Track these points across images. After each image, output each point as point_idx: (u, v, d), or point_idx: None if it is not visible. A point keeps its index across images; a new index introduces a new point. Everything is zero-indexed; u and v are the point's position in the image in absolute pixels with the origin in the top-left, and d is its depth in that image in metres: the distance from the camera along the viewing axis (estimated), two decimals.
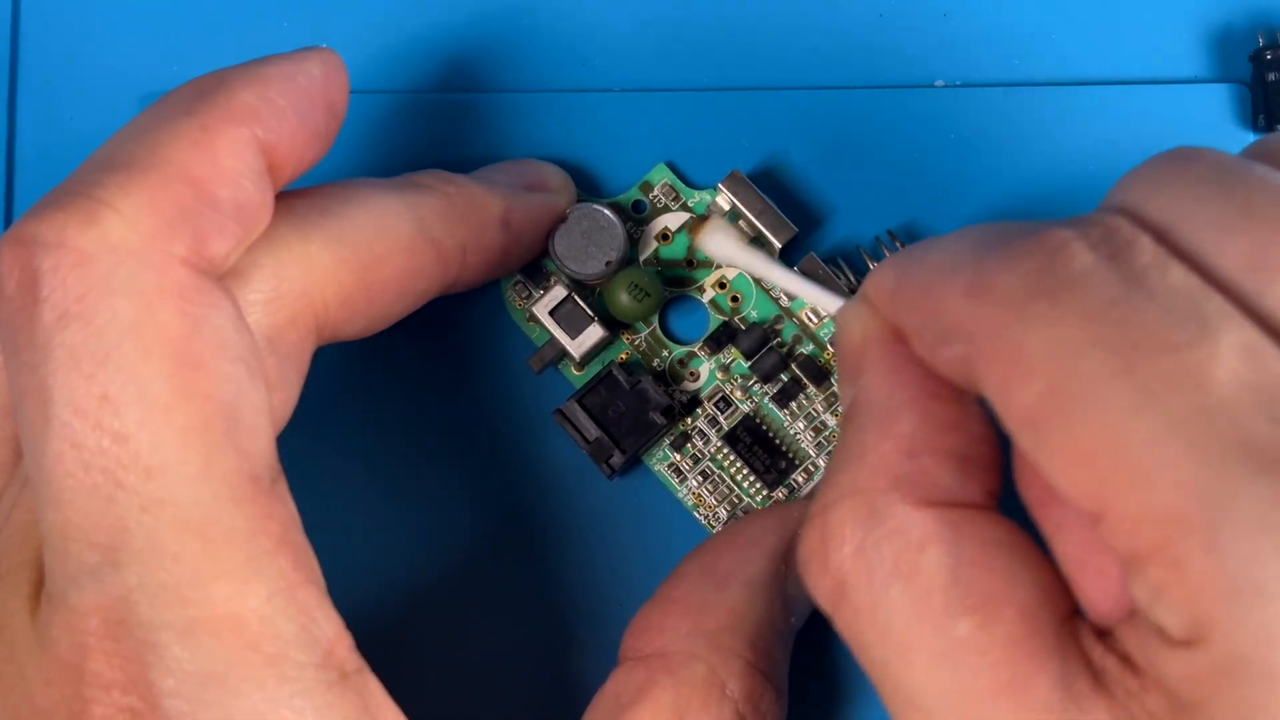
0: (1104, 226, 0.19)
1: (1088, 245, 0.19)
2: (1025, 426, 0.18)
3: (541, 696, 0.29)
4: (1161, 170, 0.20)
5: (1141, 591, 0.17)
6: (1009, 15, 0.32)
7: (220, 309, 0.21)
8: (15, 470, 0.23)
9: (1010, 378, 0.18)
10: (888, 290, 0.22)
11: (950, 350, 0.20)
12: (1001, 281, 0.19)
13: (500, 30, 0.32)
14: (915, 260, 0.21)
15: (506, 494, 0.30)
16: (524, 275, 0.30)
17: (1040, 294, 0.18)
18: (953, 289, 0.20)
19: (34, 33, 0.32)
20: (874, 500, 0.21)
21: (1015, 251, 0.19)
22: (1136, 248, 0.19)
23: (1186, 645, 0.17)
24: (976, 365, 0.19)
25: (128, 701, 0.20)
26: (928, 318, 0.20)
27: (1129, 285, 0.18)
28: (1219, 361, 0.17)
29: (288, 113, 0.23)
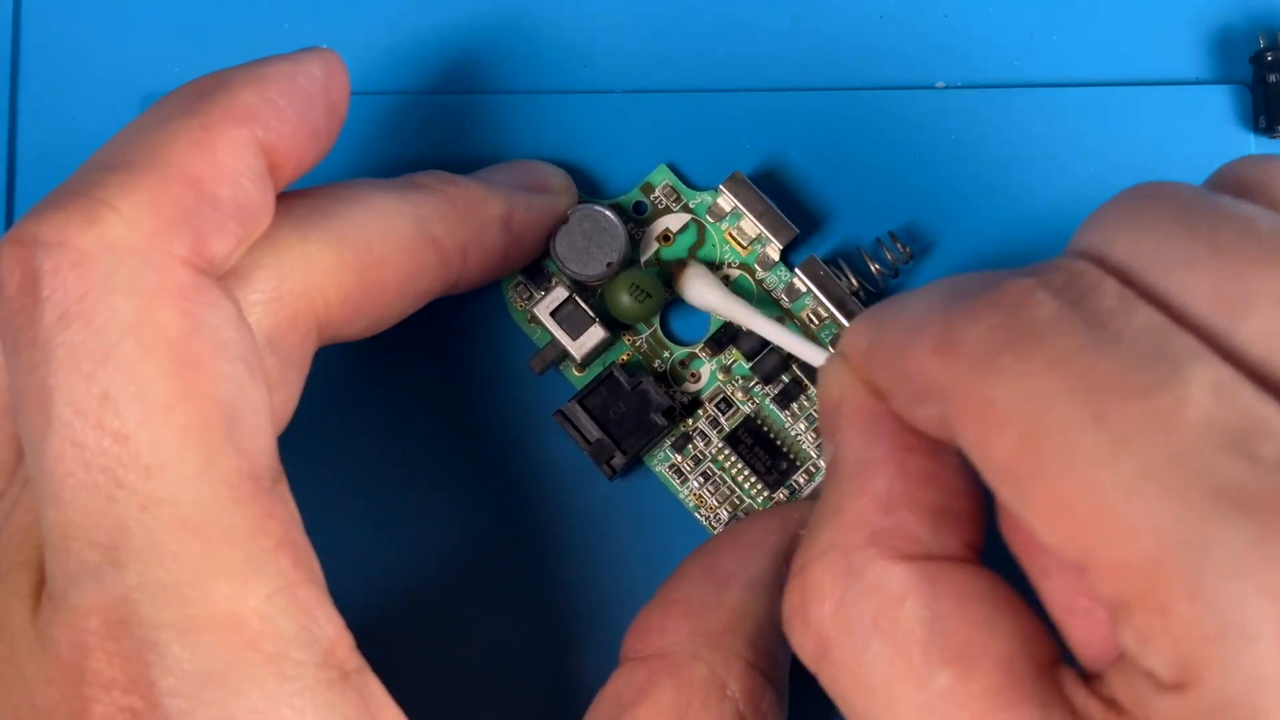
0: (1067, 272, 0.19)
1: (1051, 293, 0.19)
2: (1003, 479, 0.18)
3: (541, 696, 0.29)
4: (1124, 210, 0.20)
5: (1129, 637, 0.17)
6: (1009, 16, 0.32)
7: (220, 309, 0.21)
8: (16, 470, 0.23)
9: (985, 432, 0.18)
10: (862, 350, 0.22)
11: (925, 409, 0.20)
12: (967, 337, 0.19)
13: (501, 31, 0.32)
14: (887, 319, 0.21)
15: (507, 495, 0.30)
16: (525, 276, 0.30)
17: (1006, 346, 0.18)
18: (921, 348, 0.20)
19: (34, 33, 0.32)
20: (851, 557, 0.21)
21: (979, 305, 0.19)
22: (1100, 291, 0.18)
23: (1176, 689, 0.17)
24: (951, 422, 0.19)
25: (128, 701, 0.20)
26: (901, 378, 0.21)
27: (1094, 330, 0.18)
28: (1189, 403, 0.17)
29: (288, 113, 0.23)
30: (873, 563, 0.21)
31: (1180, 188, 0.20)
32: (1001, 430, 0.18)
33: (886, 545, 0.21)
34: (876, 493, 0.21)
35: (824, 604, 0.21)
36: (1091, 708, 0.19)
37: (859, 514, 0.21)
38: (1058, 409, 0.17)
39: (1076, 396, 0.17)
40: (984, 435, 0.18)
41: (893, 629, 0.20)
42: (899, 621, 0.20)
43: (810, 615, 0.21)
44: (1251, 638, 0.16)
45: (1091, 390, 0.17)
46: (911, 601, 0.20)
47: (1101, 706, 0.19)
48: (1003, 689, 0.19)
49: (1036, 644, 0.20)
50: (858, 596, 0.21)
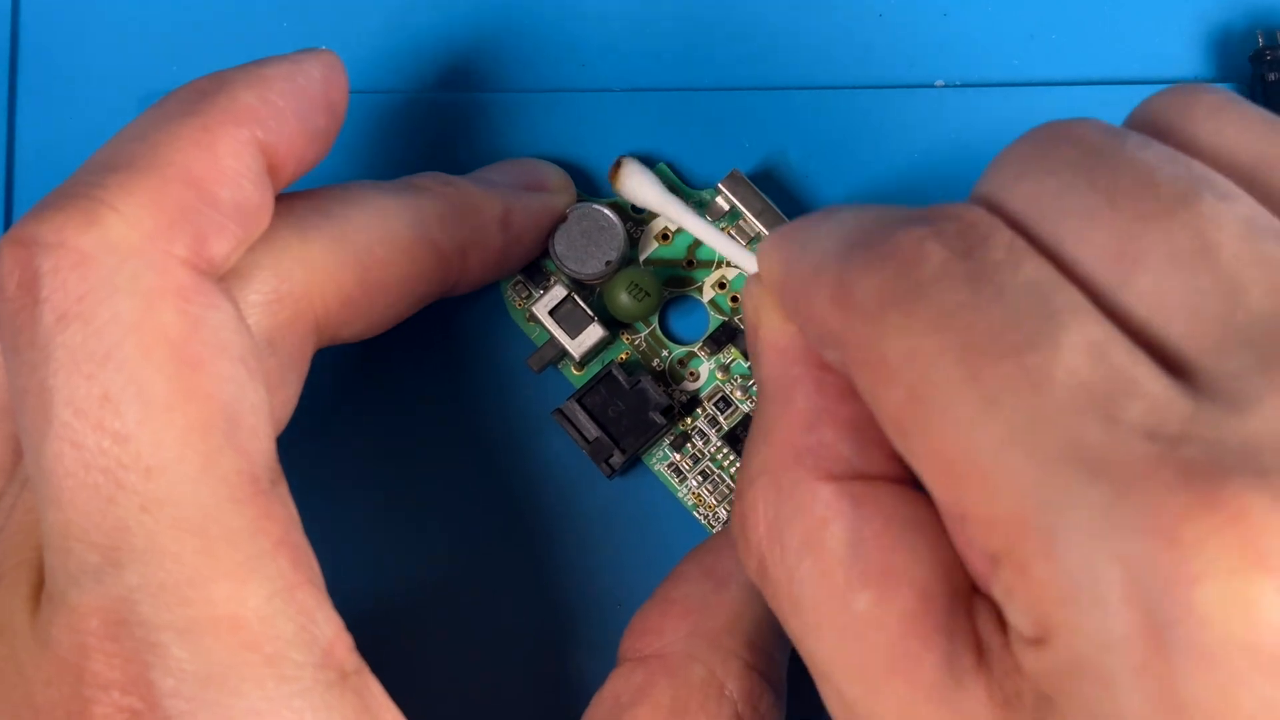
0: (961, 221, 0.19)
1: (941, 243, 0.18)
2: (894, 430, 0.19)
3: (541, 696, 0.29)
4: (1028, 152, 0.20)
5: (997, 590, 0.18)
6: (1009, 15, 0.32)
7: (220, 309, 0.21)
8: (16, 471, 0.23)
9: (876, 384, 0.19)
10: (777, 280, 0.22)
11: (831, 354, 0.20)
12: (860, 289, 0.19)
13: (500, 30, 0.32)
14: (796, 252, 0.21)
15: (506, 494, 0.30)
16: (524, 275, 0.30)
17: (894, 302, 0.18)
18: (820, 296, 0.20)
19: (34, 33, 0.32)
20: (780, 478, 0.21)
21: (872, 256, 0.19)
22: (990, 243, 0.18)
23: (1035, 644, 0.17)
24: (848, 369, 0.19)
25: (127, 702, 0.20)
26: (806, 320, 0.21)
27: (978, 285, 0.18)
28: (1058, 363, 0.17)
29: (288, 114, 0.23)
30: (800, 484, 0.21)
31: (1087, 128, 0.19)
32: (890, 384, 0.18)
33: (811, 465, 0.21)
34: (798, 411, 0.22)
35: (759, 526, 0.21)
36: (995, 642, 0.19)
37: (784, 434, 0.21)
38: (938, 367, 0.18)
39: (953, 355, 0.17)
40: (875, 387, 0.19)
41: (819, 549, 0.20)
42: (824, 541, 0.20)
43: (749, 537, 0.21)
44: (1098, 602, 0.16)
45: (968, 349, 0.17)
46: (836, 522, 0.20)
47: (1001, 643, 0.19)
48: (918, 615, 0.19)
49: (955, 569, 0.20)
50: (789, 516, 0.21)
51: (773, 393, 0.22)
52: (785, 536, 0.21)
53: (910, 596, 0.19)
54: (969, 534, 0.18)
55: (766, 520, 0.21)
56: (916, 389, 0.18)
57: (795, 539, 0.21)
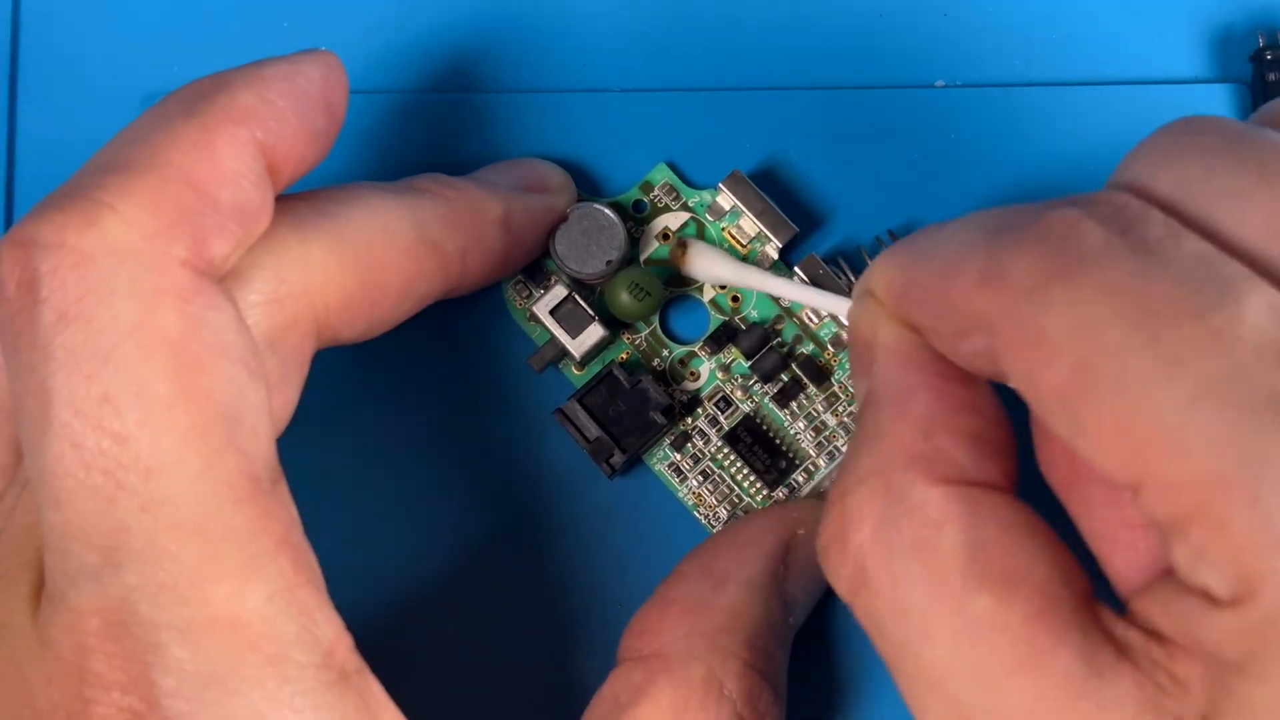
0: (1111, 204, 0.19)
1: (1097, 222, 0.19)
2: (1057, 407, 0.18)
3: (541, 696, 0.29)
4: (1169, 142, 0.20)
5: (1183, 556, 0.18)
6: (1009, 15, 0.32)
7: (220, 310, 0.21)
8: (16, 472, 0.23)
9: (1036, 362, 0.18)
10: (896, 288, 0.22)
11: (971, 343, 0.20)
12: (1014, 268, 0.19)
13: (500, 30, 0.32)
14: (920, 255, 0.21)
15: (507, 494, 0.30)
16: (525, 275, 0.30)
17: (1056, 275, 0.18)
18: (964, 282, 0.20)
19: (34, 33, 0.32)
20: (891, 480, 0.21)
21: (1024, 236, 0.19)
22: (1147, 221, 0.18)
23: (1233, 604, 0.17)
24: (1000, 354, 0.19)
25: (128, 702, 0.20)
26: (943, 314, 0.21)
27: (1144, 257, 0.18)
28: (1243, 321, 0.17)
29: (287, 114, 0.23)
30: (913, 485, 0.21)
31: (1223, 121, 0.20)
32: (1053, 359, 0.18)
33: (927, 469, 0.21)
34: (915, 417, 0.21)
35: (863, 528, 0.21)
36: (1131, 636, 0.19)
37: (898, 438, 0.21)
38: (1110, 334, 0.17)
39: (1129, 321, 0.17)
40: (1035, 365, 0.18)
41: (932, 552, 0.20)
42: (938, 544, 0.20)
43: (849, 541, 0.21)
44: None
45: (1144, 314, 0.17)
46: (952, 525, 0.20)
47: (1141, 635, 0.19)
48: (1042, 614, 0.19)
49: (1073, 577, 0.20)
50: (897, 518, 0.21)
51: (888, 399, 0.22)
52: (893, 540, 0.20)
53: (1034, 597, 0.19)
54: (1147, 502, 0.18)
55: (873, 523, 0.21)
56: (1085, 359, 0.18)
57: (905, 542, 0.20)
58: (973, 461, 0.21)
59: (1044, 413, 0.19)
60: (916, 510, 0.20)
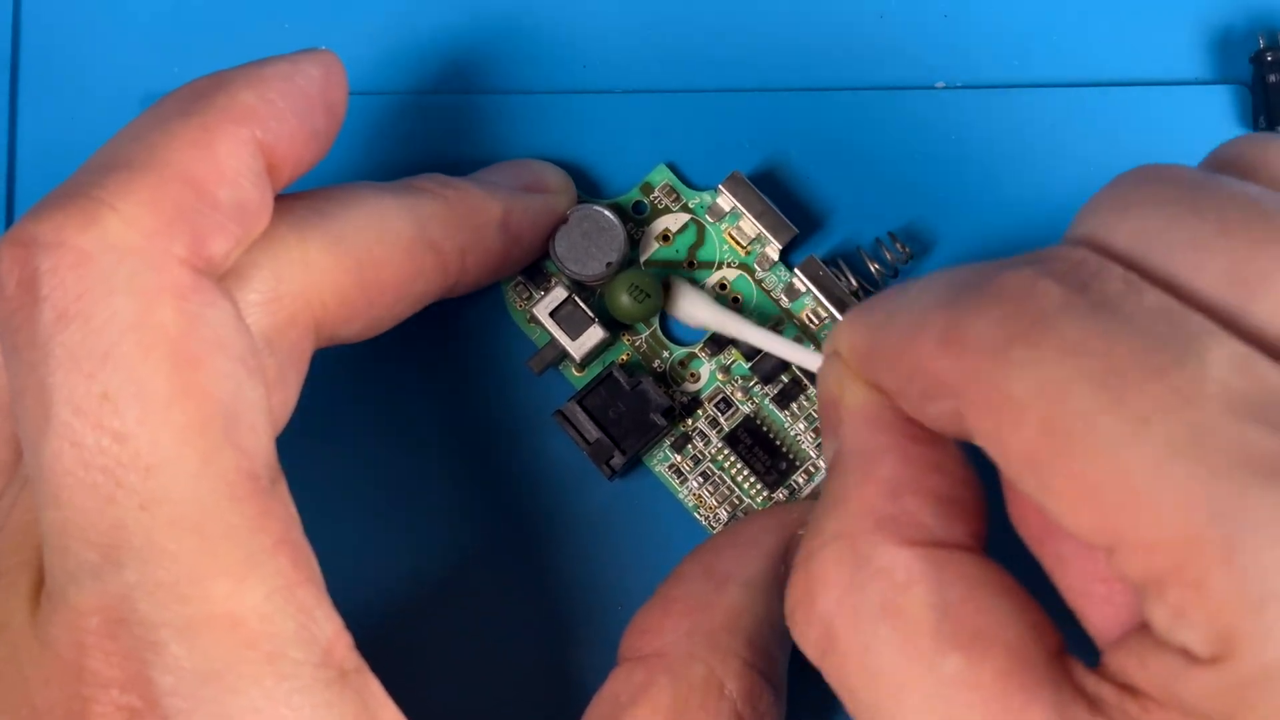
0: (1067, 260, 0.19)
1: (1054, 280, 0.18)
2: (1024, 469, 0.18)
3: (541, 696, 0.29)
4: (1124, 194, 0.20)
5: (1160, 615, 0.17)
6: (1009, 16, 0.32)
7: (219, 309, 0.21)
8: (15, 470, 0.23)
9: (1001, 424, 0.18)
10: (861, 351, 0.22)
11: (937, 405, 0.20)
12: (975, 331, 0.19)
13: (500, 31, 0.32)
14: (883, 318, 0.21)
15: (507, 495, 0.30)
16: (524, 276, 0.30)
17: (1017, 337, 0.18)
18: (926, 344, 0.19)
19: (34, 33, 0.32)
20: (858, 543, 0.21)
21: (983, 298, 0.19)
22: (1105, 276, 0.18)
23: (1212, 662, 0.17)
24: (965, 416, 0.19)
25: (126, 700, 0.20)
26: (908, 376, 0.20)
27: (1104, 314, 0.18)
28: (1208, 378, 0.17)
29: (287, 114, 0.23)
30: (880, 548, 0.21)
31: (1178, 170, 0.20)
32: (1019, 421, 0.18)
33: (894, 531, 0.21)
34: (882, 480, 0.21)
35: (830, 592, 0.21)
36: (1105, 691, 0.19)
37: (865, 501, 0.21)
38: (1076, 395, 0.17)
39: (1094, 381, 0.17)
40: (1000, 427, 0.18)
41: (900, 614, 0.20)
42: (907, 606, 0.20)
43: (816, 605, 0.21)
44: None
45: (1108, 373, 0.17)
46: (919, 586, 0.20)
47: (1114, 690, 0.19)
48: (1014, 672, 0.19)
49: (1044, 633, 0.20)
50: (865, 582, 0.21)
51: (854, 461, 0.22)
52: (861, 603, 0.20)
53: (1004, 656, 0.19)
54: (1121, 563, 0.17)
55: (840, 586, 0.21)
56: (1051, 421, 0.18)
57: (873, 604, 0.20)
58: (940, 522, 0.21)
59: (1012, 474, 0.19)
60: (884, 573, 0.20)
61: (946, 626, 0.20)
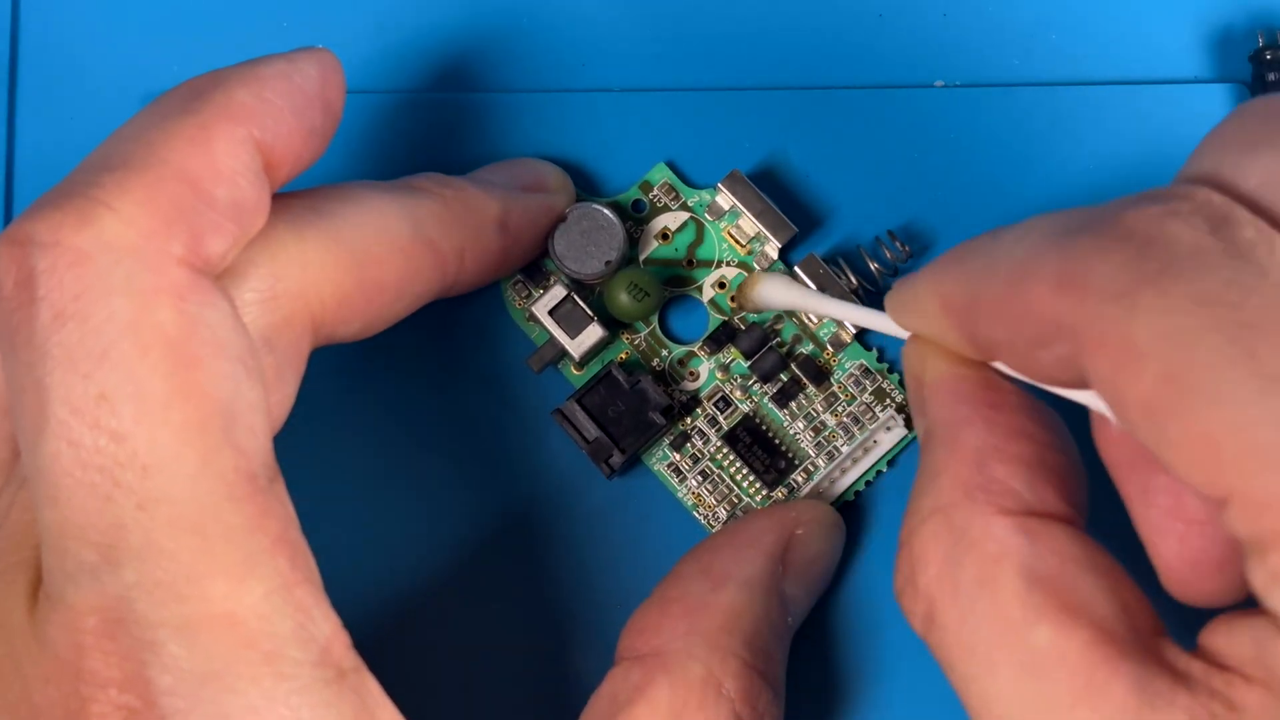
0: (1194, 201, 0.18)
1: (1185, 222, 0.18)
2: (1142, 417, 0.18)
3: (541, 696, 0.29)
4: (1253, 130, 0.19)
5: (1260, 576, 0.17)
6: (1009, 15, 0.32)
7: (217, 307, 0.21)
8: (13, 470, 0.23)
9: (1122, 369, 0.18)
10: (960, 304, 0.21)
11: (1050, 351, 0.20)
12: (1098, 272, 0.18)
13: (500, 30, 0.32)
14: (984, 267, 0.21)
15: (506, 494, 0.30)
16: (524, 275, 0.30)
17: (1144, 281, 0.18)
18: (1041, 288, 0.19)
19: (34, 33, 0.32)
20: (951, 516, 0.21)
21: (1106, 238, 0.18)
22: (1236, 221, 0.18)
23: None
24: (1083, 361, 0.19)
25: (125, 700, 0.20)
26: (1018, 324, 0.20)
27: (1237, 263, 0.17)
28: None
29: (284, 112, 0.23)
30: (973, 519, 0.21)
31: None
32: (1141, 367, 0.18)
33: (983, 501, 0.21)
34: (968, 449, 0.21)
35: (930, 568, 0.21)
36: (1193, 668, 0.19)
37: (953, 474, 0.21)
38: (1204, 346, 0.17)
39: (1224, 333, 0.17)
40: (1122, 372, 0.18)
41: (993, 585, 0.20)
42: (999, 578, 0.20)
43: (919, 582, 0.21)
44: None
45: (1240, 326, 0.17)
46: (1011, 558, 0.20)
47: (1203, 665, 0.19)
48: (1100, 645, 0.19)
49: (1137, 613, 0.20)
50: (960, 555, 0.21)
51: (941, 435, 0.22)
52: (959, 576, 0.21)
53: (1092, 630, 0.19)
54: (1233, 518, 0.17)
55: (939, 562, 0.21)
56: (1175, 369, 0.17)
57: (970, 578, 0.20)
58: (1030, 488, 0.21)
59: (1128, 420, 0.18)
60: (978, 544, 0.21)
61: (1036, 598, 0.20)
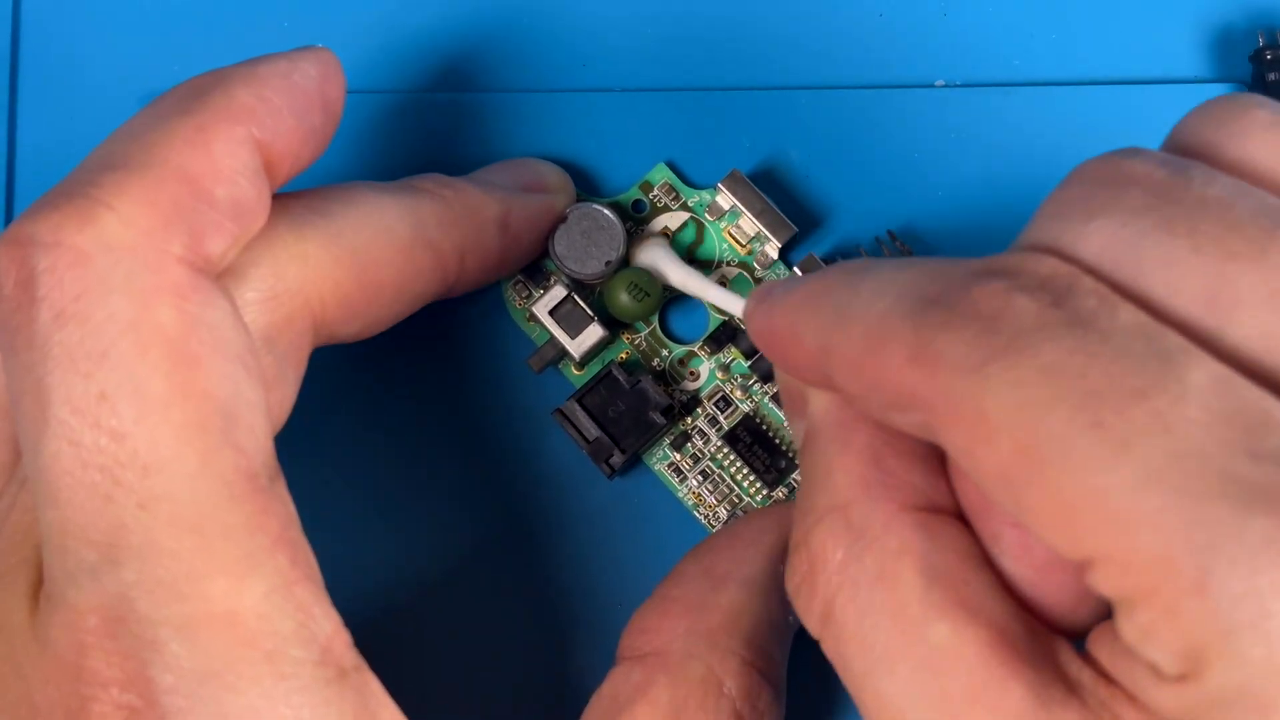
0: (1037, 273, 0.19)
1: (1028, 296, 0.18)
2: (998, 485, 0.18)
3: (541, 696, 0.29)
4: (1087, 199, 0.19)
5: (1130, 631, 0.17)
6: (1009, 15, 0.32)
7: (217, 307, 0.21)
8: (14, 470, 0.23)
9: (976, 441, 0.18)
10: (811, 349, 0.21)
11: (904, 416, 0.20)
12: (948, 349, 0.18)
13: (500, 30, 0.32)
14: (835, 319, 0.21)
15: (506, 494, 0.30)
16: (524, 275, 0.30)
17: (993, 356, 0.18)
18: (894, 359, 0.19)
19: (34, 33, 0.32)
20: (850, 512, 0.21)
21: (955, 315, 0.18)
22: (1078, 290, 0.18)
23: (1179, 680, 0.17)
24: (936, 430, 0.19)
25: (126, 699, 0.20)
26: (871, 386, 0.20)
27: (1080, 332, 0.18)
28: (1188, 401, 0.17)
29: (284, 111, 0.23)
30: (872, 515, 0.21)
31: (1145, 165, 0.19)
32: (995, 439, 0.18)
33: (883, 495, 0.21)
34: (861, 445, 0.21)
35: (829, 565, 0.21)
36: (1085, 677, 0.19)
37: (848, 470, 0.21)
38: (1054, 417, 0.17)
39: (1072, 403, 0.17)
40: (975, 444, 0.18)
41: (893, 582, 0.20)
42: (899, 574, 0.20)
43: (817, 580, 0.21)
44: (1265, 632, 0.16)
45: (1087, 395, 0.17)
46: (911, 553, 0.20)
47: (1091, 674, 0.19)
48: (998, 645, 0.19)
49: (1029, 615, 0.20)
50: (860, 552, 0.21)
51: (829, 434, 0.22)
52: (857, 573, 0.20)
53: (989, 629, 0.19)
54: (1094, 579, 0.17)
55: (836, 558, 0.21)
56: (1028, 441, 0.17)
57: (869, 574, 0.20)
58: (926, 481, 0.21)
59: (986, 488, 0.18)
60: (877, 541, 0.20)
61: (935, 594, 0.20)
